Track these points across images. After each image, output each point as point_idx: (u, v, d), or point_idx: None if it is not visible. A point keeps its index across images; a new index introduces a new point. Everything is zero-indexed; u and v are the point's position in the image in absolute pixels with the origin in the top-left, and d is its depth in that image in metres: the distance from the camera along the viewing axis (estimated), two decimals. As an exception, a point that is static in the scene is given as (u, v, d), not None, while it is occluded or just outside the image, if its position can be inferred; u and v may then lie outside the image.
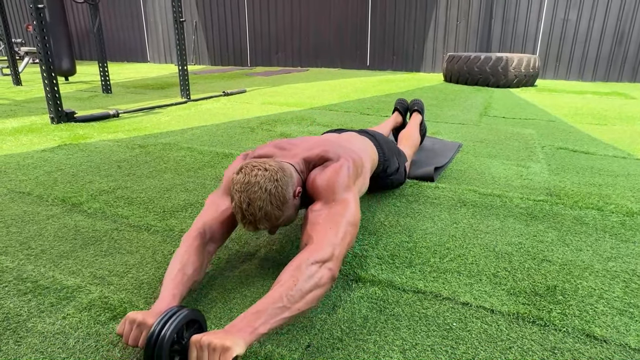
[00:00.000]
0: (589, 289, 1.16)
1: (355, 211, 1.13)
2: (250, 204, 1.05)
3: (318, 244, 1.02)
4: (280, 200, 1.08)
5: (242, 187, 1.05)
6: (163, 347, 0.78)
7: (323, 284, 0.96)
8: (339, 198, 1.14)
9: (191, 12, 9.90)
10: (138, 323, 0.85)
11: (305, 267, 0.95)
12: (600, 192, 1.89)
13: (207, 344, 0.78)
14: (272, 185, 1.06)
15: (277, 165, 1.10)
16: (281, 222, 1.14)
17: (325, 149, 1.26)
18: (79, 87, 5.56)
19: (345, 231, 1.07)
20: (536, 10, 7.09)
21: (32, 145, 2.58)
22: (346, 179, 1.19)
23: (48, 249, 1.36)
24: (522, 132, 3.10)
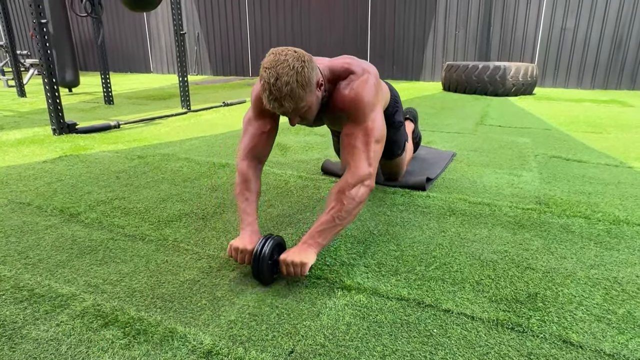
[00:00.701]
0: (570, 296, 1.18)
1: (381, 128, 1.37)
2: (278, 78, 1.16)
3: (355, 168, 1.29)
4: (305, 80, 1.20)
5: (272, 64, 1.18)
6: (263, 265, 1.20)
7: (364, 199, 1.29)
8: (367, 119, 1.34)
9: (194, 24, 10.05)
10: (241, 250, 1.24)
11: (348, 192, 1.26)
12: (589, 201, 1.91)
13: (291, 261, 1.19)
14: (299, 65, 1.19)
15: (305, 53, 1.25)
16: (303, 108, 1.25)
17: (348, 62, 1.41)
18: (83, 98, 5.65)
19: (374, 150, 1.33)
20: (534, 19, 7.15)
21: (34, 157, 2.64)
22: (372, 96, 1.37)
23: (45, 258, 1.41)
24: (517, 140, 3.13)
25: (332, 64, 1.40)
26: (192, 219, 1.71)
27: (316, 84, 1.27)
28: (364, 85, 1.35)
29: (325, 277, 1.29)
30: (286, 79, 1.16)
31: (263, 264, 1.20)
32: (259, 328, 1.06)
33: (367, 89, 1.35)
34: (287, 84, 1.16)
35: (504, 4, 7.30)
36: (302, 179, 2.24)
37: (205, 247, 1.49)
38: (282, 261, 1.20)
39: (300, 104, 1.22)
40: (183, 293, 1.21)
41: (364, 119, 1.34)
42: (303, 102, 1.22)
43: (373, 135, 1.33)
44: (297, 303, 1.16)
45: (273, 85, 1.16)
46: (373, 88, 1.37)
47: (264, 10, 9.24)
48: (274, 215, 1.77)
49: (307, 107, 1.26)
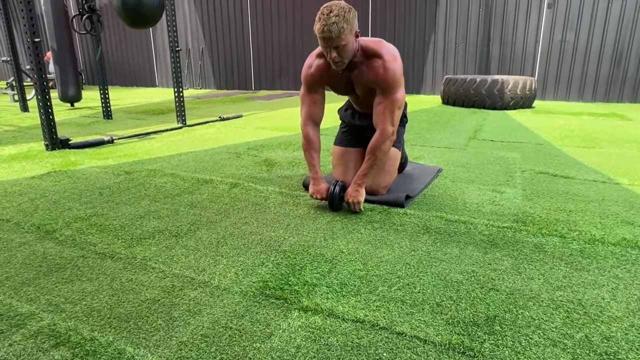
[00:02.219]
0: (529, 319, 1.16)
1: (402, 99, 1.90)
2: (331, 10, 1.66)
3: (383, 130, 1.89)
4: (349, 20, 1.68)
5: (329, 4, 1.70)
6: (337, 197, 1.96)
7: (389, 148, 1.95)
8: (394, 92, 1.86)
9: (198, 39, 10.22)
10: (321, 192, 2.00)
11: (378, 145, 1.90)
12: (568, 219, 1.89)
13: (352, 200, 1.93)
14: (348, 8, 1.70)
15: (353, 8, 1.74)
16: (342, 41, 1.69)
17: (379, 45, 1.85)
18: (83, 112, 5.74)
19: (396, 114, 1.90)
20: (533, 32, 7.16)
21: (24, 172, 2.68)
22: (400, 75, 1.84)
23: (13, 275, 1.42)
24: (506, 155, 3.12)
25: (365, 41, 1.86)
26: (165, 237, 1.72)
27: (355, 32, 1.73)
28: (395, 67, 1.82)
29: (285, 297, 1.28)
30: (336, 12, 1.65)
31: (336, 202, 1.97)
32: (208, 350, 1.05)
33: (397, 69, 1.82)
34: (337, 15, 1.65)
35: (503, 18, 7.33)
36: (283, 195, 2.24)
37: (172, 265, 1.49)
38: (346, 201, 1.95)
39: (342, 34, 1.66)
40: (140, 313, 1.21)
41: (392, 92, 1.85)
42: (344, 33, 1.66)
43: (396, 105, 1.87)
44: (252, 324, 1.16)
45: (327, 15, 1.65)
46: (400, 70, 1.84)
47: (266, 27, 9.37)
48: (247, 232, 1.77)
49: (344, 44, 1.70)
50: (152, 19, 4.18)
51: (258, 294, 1.30)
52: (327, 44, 1.71)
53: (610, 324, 1.14)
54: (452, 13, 7.67)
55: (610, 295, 1.28)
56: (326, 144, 3.17)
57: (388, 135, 1.88)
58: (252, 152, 3.27)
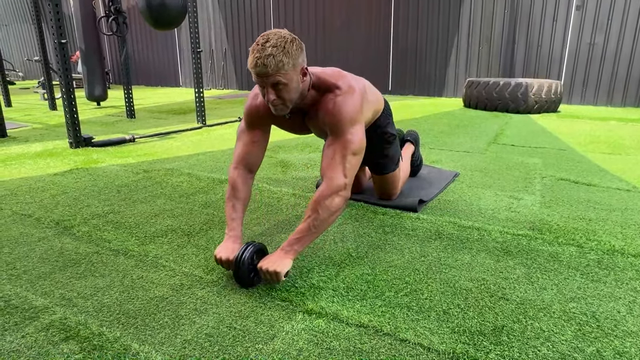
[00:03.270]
0: (538, 331, 1.13)
1: (360, 141, 1.44)
2: (267, 41, 1.28)
3: (330, 179, 1.38)
4: (291, 51, 1.30)
5: (265, 33, 1.32)
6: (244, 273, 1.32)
7: (340, 209, 1.39)
8: (347, 132, 1.43)
9: (222, 40, 10.36)
10: (224, 260, 1.37)
11: (324, 202, 1.35)
12: (587, 228, 1.83)
13: (266, 269, 1.29)
14: (290, 38, 1.32)
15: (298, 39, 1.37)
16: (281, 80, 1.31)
17: (335, 76, 1.49)
18: (109, 111, 5.90)
19: (350, 162, 1.41)
20: (560, 35, 6.97)
21: (47, 169, 2.77)
22: (353, 112, 1.44)
23: (30, 269, 1.47)
24: (527, 161, 3.04)
25: (320, 73, 1.49)
26: (178, 235, 1.75)
27: (300, 68, 1.35)
28: (346, 100, 1.43)
29: (290, 299, 1.28)
30: (274, 42, 1.27)
31: (243, 271, 1.32)
32: (212, 349, 1.07)
33: (350, 104, 1.43)
34: (274, 47, 1.27)
35: (529, 20, 7.16)
36: (296, 196, 2.25)
37: (182, 263, 1.51)
38: (259, 269, 1.31)
39: (280, 70, 1.28)
40: (148, 310, 1.23)
41: (343, 133, 1.42)
42: (283, 70, 1.29)
43: (350, 148, 1.41)
44: (256, 325, 1.16)
45: (262, 45, 1.28)
46: (356, 103, 1.45)
47: (288, 27, 9.42)
48: (257, 233, 1.78)
49: (286, 82, 1.32)
50: (175, 21, 4.26)
51: (264, 295, 1.31)
52: (263, 82, 1.32)
53: (624, 338, 1.10)
54: (477, 14, 7.55)
55: (627, 308, 1.24)
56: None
57: (338, 188, 1.36)
58: (268, 153, 3.29)
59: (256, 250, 1.36)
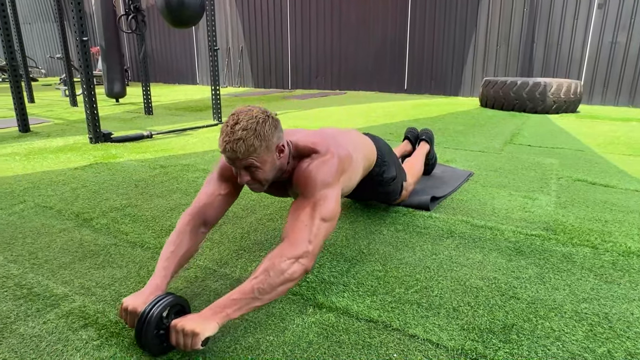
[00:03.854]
0: (549, 330, 1.13)
1: (332, 207, 1.22)
2: (237, 123, 1.15)
3: (293, 241, 1.13)
4: (263, 133, 1.16)
5: (236, 111, 1.18)
6: (148, 332, 0.98)
7: (295, 278, 1.09)
8: (318, 194, 1.23)
9: (238, 39, 10.44)
10: (129, 311, 1.05)
11: (278, 264, 1.07)
12: (602, 229, 1.81)
13: (182, 328, 0.97)
14: (262, 118, 1.18)
15: (274, 117, 1.23)
16: (254, 163, 1.18)
17: (315, 141, 1.34)
18: (127, 108, 6.01)
19: (318, 227, 1.17)
20: (581, 34, 6.84)
21: (68, 163, 2.85)
22: (328, 176, 1.27)
23: (51, 259, 1.52)
24: (543, 161, 3.00)
25: (299, 141, 1.35)
26: (193, 229, 1.79)
27: (276, 147, 1.22)
28: (321, 164, 1.28)
29: (301, 293, 1.31)
30: (244, 125, 1.14)
31: (147, 330, 0.98)
32: (223, 339, 1.09)
33: (325, 168, 1.27)
34: (244, 129, 1.14)
35: (548, 19, 7.04)
36: (309, 193, 2.27)
37: (197, 257, 1.55)
38: (172, 327, 0.99)
39: (251, 154, 1.16)
40: (182, 294, 1.27)
41: (314, 194, 1.23)
42: (255, 153, 1.17)
43: (320, 212, 1.19)
44: (267, 317, 1.19)
45: (231, 127, 1.15)
46: (332, 168, 1.29)
47: (304, 26, 9.45)
48: (271, 229, 1.81)
49: (260, 165, 1.19)
50: (193, 20, 4.32)
51: (276, 289, 1.33)
52: (234, 165, 1.20)
53: (636, 340, 1.09)
54: (495, 12, 7.45)
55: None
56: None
57: (298, 253, 1.10)
58: (283, 150, 3.32)
59: (172, 305, 1.03)
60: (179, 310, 1.06)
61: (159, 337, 1.01)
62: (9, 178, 2.51)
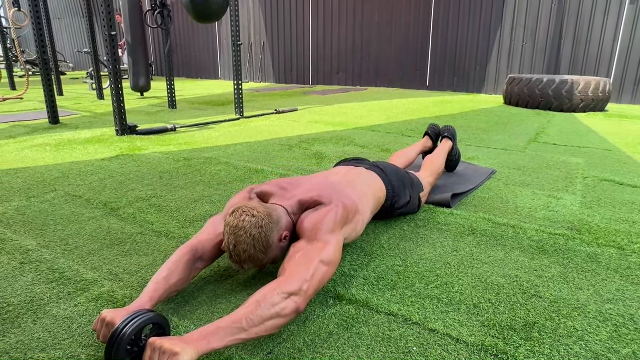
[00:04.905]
0: (572, 329, 1.12)
1: (333, 252, 1.19)
2: (236, 246, 1.17)
3: (289, 277, 1.08)
4: (264, 245, 1.19)
5: (231, 230, 1.18)
6: (120, 346, 0.89)
7: (285, 315, 1.01)
8: (320, 238, 1.22)
9: (261, 34, 10.50)
10: (107, 322, 0.98)
11: (270, 296, 1.01)
12: (630, 230, 1.77)
13: (160, 347, 0.88)
14: (257, 232, 1.17)
15: (265, 212, 1.21)
16: (266, 263, 1.26)
17: (320, 194, 1.36)
18: (151, 102, 6.13)
19: (317, 269, 1.12)
20: (612, 30, 6.63)
21: (96, 154, 2.94)
22: (331, 223, 1.26)
23: (81, 246, 1.58)
24: (569, 161, 2.94)
25: (303, 198, 1.36)
26: (215, 220, 1.82)
27: (278, 239, 1.25)
28: (326, 213, 1.29)
29: (322, 285, 1.32)
30: (244, 247, 1.17)
31: (118, 348, 0.89)
32: (246, 327, 1.12)
33: (329, 215, 1.28)
34: (245, 252, 1.17)
35: (577, 15, 6.85)
36: (330, 188, 2.28)
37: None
38: (150, 344, 0.90)
39: (261, 264, 1.24)
40: (188, 288, 1.31)
41: (316, 238, 1.22)
42: (263, 261, 1.23)
43: (320, 255, 1.16)
44: (288, 308, 1.21)
45: (233, 251, 1.18)
46: (336, 217, 1.29)
47: (326, 23, 9.44)
48: (292, 222, 1.83)
49: (270, 261, 1.27)
50: (217, 15, 4.37)
51: (297, 280, 1.35)
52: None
53: (663, 342, 1.07)
54: (522, 8, 7.29)
55: (668, 313, 1.20)
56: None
57: (292, 290, 1.04)
58: (304, 145, 3.34)
59: (151, 323, 0.96)
60: (158, 331, 0.99)
61: (130, 354, 0.92)
62: (40, 168, 2.61)
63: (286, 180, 1.47)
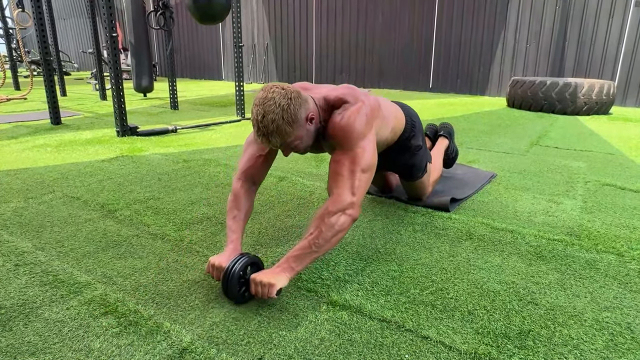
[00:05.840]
0: (567, 338, 1.10)
1: (369, 158, 1.34)
2: (264, 116, 1.21)
3: (337, 196, 1.26)
4: (292, 117, 1.23)
5: (260, 101, 1.23)
6: (233, 280, 1.20)
7: (345, 228, 1.25)
8: (355, 147, 1.32)
9: (264, 35, 10.52)
10: (216, 266, 1.26)
11: (327, 218, 1.23)
12: (630, 236, 1.75)
13: (260, 281, 1.18)
14: (285, 102, 1.22)
15: (294, 89, 1.27)
16: (292, 141, 1.29)
17: (344, 93, 1.41)
18: (154, 102, 6.15)
19: (359, 179, 1.29)
20: (617, 32, 6.59)
21: (96, 155, 2.94)
22: (363, 125, 1.35)
23: (76, 248, 1.58)
24: (570, 164, 2.92)
25: (327, 94, 1.41)
26: (212, 223, 1.82)
27: (305, 119, 1.29)
28: (355, 114, 1.35)
29: (316, 290, 1.31)
30: (272, 117, 1.20)
31: (232, 282, 1.20)
32: (237, 332, 1.11)
33: (358, 118, 1.34)
34: (273, 121, 1.20)
35: (582, 17, 6.81)
36: (328, 191, 2.27)
37: (215, 250, 1.58)
38: (252, 280, 1.20)
39: (287, 139, 1.26)
40: (181, 292, 1.30)
41: (352, 147, 1.32)
42: (290, 137, 1.26)
43: (359, 164, 1.30)
44: (281, 313, 1.20)
45: (260, 122, 1.21)
46: (364, 117, 1.36)
47: (330, 23, 9.44)
48: (289, 225, 1.82)
49: (297, 141, 1.29)
50: (220, 16, 4.38)
51: (291, 285, 1.34)
52: (275, 147, 1.34)
53: (660, 352, 1.05)
54: (525, 9, 7.26)
55: (666, 322, 1.18)
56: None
57: (344, 206, 1.25)
58: (304, 147, 3.33)
59: (251, 263, 1.26)
60: (255, 267, 1.27)
61: (241, 287, 1.22)
62: (40, 168, 2.61)
63: (307, 83, 1.53)
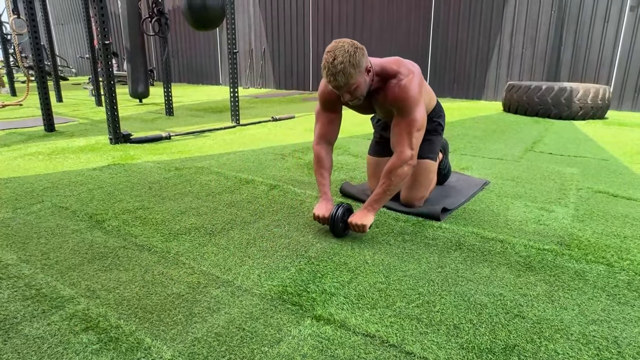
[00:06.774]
0: (552, 353, 1.09)
1: (422, 119, 1.76)
2: (335, 58, 1.56)
3: (401, 152, 1.75)
4: (356, 62, 1.58)
5: (331, 48, 1.59)
6: (338, 223, 1.75)
7: (407, 175, 1.77)
8: (411, 112, 1.74)
9: (261, 40, 10.53)
10: (322, 217, 1.79)
11: (394, 170, 1.74)
12: (620, 245, 1.74)
13: (355, 223, 1.72)
14: (353, 50, 1.58)
15: (359, 44, 1.62)
16: (353, 84, 1.62)
17: (397, 63, 1.78)
18: (149, 108, 6.14)
19: (416, 137, 1.75)
20: (612, 36, 6.60)
21: (88, 163, 2.93)
22: (417, 93, 1.74)
23: (62, 260, 1.56)
24: (564, 171, 2.91)
25: (382, 63, 1.77)
26: (200, 234, 1.81)
27: (365, 69, 1.63)
28: (409, 84, 1.73)
29: (301, 303, 1.30)
30: (341, 59, 1.54)
31: (337, 225, 1.75)
32: (219, 349, 1.10)
33: (412, 88, 1.73)
34: (341, 63, 1.54)
35: (577, 22, 6.83)
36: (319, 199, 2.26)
37: (201, 262, 1.56)
38: (350, 223, 1.74)
39: (350, 80, 1.59)
40: (165, 306, 1.29)
41: (409, 113, 1.74)
42: (353, 79, 1.59)
43: (415, 126, 1.74)
44: (264, 328, 1.19)
45: (331, 63, 1.56)
46: (417, 87, 1.74)
47: (327, 29, 9.46)
48: (277, 235, 1.81)
49: (356, 85, 1.62)
50: (214, 23, 4.39)
51: (276, 298, 1.33)
52: (338, 90, 1.66)
53: (646, 368, 1.04)
54: (521, 14, 7.28)
55: (653, 335, 1.16)
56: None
57: (406, 159, 1.73)
58: (297, 154, 3.32)
59: (346, 210, 1.78)
60: (349, 212, 1.79)
61: (344, 224, 1.77)
62: (30, 177, 2.60)
63: None
